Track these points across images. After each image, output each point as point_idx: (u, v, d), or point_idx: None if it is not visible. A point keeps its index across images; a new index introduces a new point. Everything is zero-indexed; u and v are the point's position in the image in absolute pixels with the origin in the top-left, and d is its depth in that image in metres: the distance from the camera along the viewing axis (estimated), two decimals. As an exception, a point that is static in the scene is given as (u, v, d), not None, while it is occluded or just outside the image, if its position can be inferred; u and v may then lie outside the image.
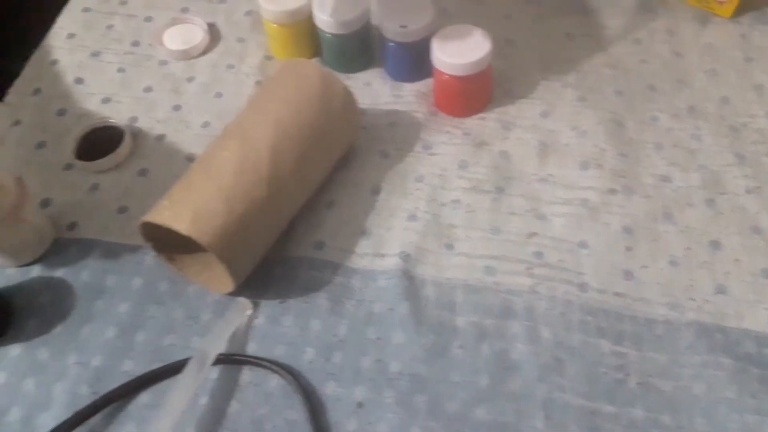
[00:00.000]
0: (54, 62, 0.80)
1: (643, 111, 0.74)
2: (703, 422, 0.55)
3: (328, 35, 0.74)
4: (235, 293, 0.61)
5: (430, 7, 0.72)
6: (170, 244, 0.61)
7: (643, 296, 0.61)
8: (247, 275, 0.60)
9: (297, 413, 0.56)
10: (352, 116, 0.67)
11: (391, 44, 0.73)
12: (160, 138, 0.73)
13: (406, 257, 0.63)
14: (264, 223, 0.59)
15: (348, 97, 0.65)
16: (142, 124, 0.74)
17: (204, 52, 0.80)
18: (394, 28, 0.71)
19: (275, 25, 0.75)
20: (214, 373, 0.58)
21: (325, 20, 0.72)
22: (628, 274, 0.63)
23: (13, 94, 0.77)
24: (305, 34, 0.76)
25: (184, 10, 0.85)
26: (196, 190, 0.57)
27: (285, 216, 0.62)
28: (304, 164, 0.61)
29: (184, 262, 0.62)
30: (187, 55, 0.79)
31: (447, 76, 0.70)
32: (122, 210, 0.68)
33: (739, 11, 0.82)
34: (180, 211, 0.56)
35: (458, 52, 0.68)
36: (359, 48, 0.76)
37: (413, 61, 0.75)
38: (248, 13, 0.84)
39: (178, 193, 0.58)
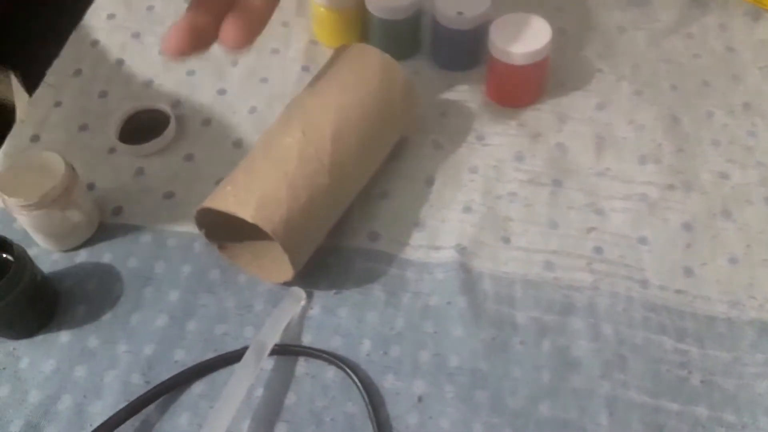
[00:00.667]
0: (95, 43, 0.79)
1: (699, 106, 0.73)
2: (766, 420, 0.54)
3: (379, 21, 0.73)
4: (288, 283, 0.60)
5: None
6: (222, 231, 0.60)
7: (703, 294, 0.61)
8: (304, 264, 0.60)
9: (355, 406, 0.55)
10: (410, 106, 0.66)
11: (446, 31, 0.72)
12: (206, 122, 0.72)
13: (462, 250, 0.63)
14: (325, 211, 0.58)
15: (408, 87, 0.65)
16: (186, 108, 0.73)
17: (248, 36, 0.79)
18: (450, 15, 0.70)
19: (323, 9, 0.74)
20: (269, 363, 0.57)
21: (375, 4, 0.71)
22: (688, 271, 0.62)
23: (53, 75, 0.76)
24: (354, 19, 0.75)
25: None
26: (260, 176, 0.56)
27: (344, 204, 0.61)
28: (364, 153, 0.61)
29: (235, 249, 0.61)
30: (231, 39, 0.78)
31: (504, 65, 0.69)
32: (168, 195, 0.67)
33: (792, 7, 0.81)
34: (244, 197, 0.55)
35: (517, 41, 0.68)
36: (410, 34, 0.75)
37: (467, 50, 0.74)
38: (293, -5, 0.83)
39: (241, 179, 0.57)
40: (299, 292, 0.60)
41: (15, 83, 0.88)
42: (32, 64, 0.79)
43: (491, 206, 0.66)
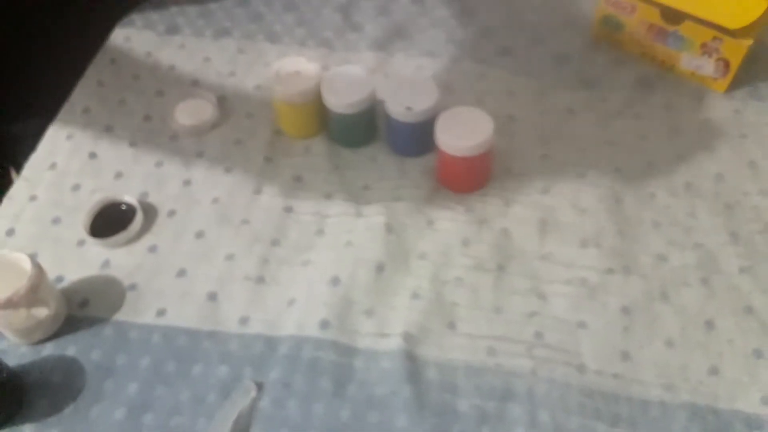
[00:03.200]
0: (70, 136, 0.81)
1: (642, 187, 0.75)
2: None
3: (336, 114, 0.75)
4: (239, 375, 0.61)
5: (434, 89, 0.73)
6: None
7: (639, 377, 0.62)
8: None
9: (300, 498, 0.56)
10: None
11: (397, 123, 0.74)
12: (171, 213, 0.74)
13: (408, 337, 0.64)
14: None
15: None
16: (153, 199, 0.75)
17: (213, 127, 0.81)
18: (399, 110, 0.72)
19: (285, 104, 0.76)
20: (220, 455, 0.58)
21: (333, 101, 0.74)
22: (625, 355, 0.63)
23: (29, 169, 0.78)
24: (313, 113, 0.77)
25: (195, 82, 0.86)
26: None
27: None
28: None
29: None
30: (197, 130, 0.80)
31: (450, 157, 0.70)
32: (131, 287, 0.68)
33: (733, 86, 0.83)
34: None
35: (461, 134, 0.69)
36: (365, 125, 0.77)
37: (418, 139, 0.76)
38: (257, 87, 0.85)
39: None
40: (249, 385, 0.61)
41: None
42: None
43: (438, 292, 0.67)
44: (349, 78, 0.75)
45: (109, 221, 0.72)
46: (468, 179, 0.74)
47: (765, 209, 0.72)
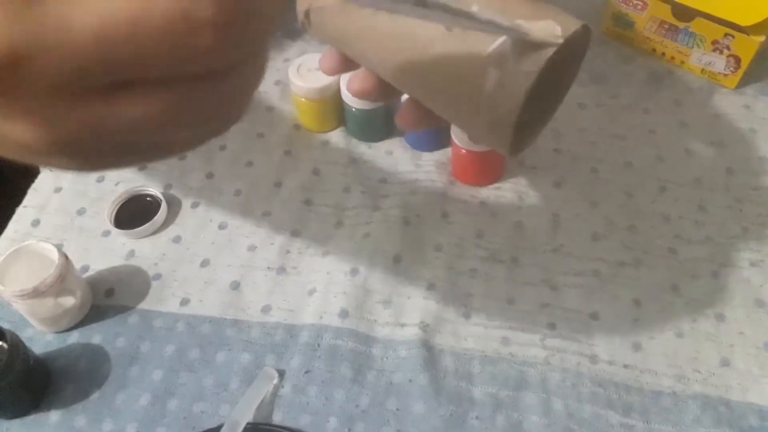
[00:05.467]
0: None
1: (652, 182, 0.74)
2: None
3: (353, 110, 0.74)
4: (261, 363, 0.61)
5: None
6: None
7: (650, 368, 0.61)
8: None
9: (320, 483, 0.56)
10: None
11: (412, 118, 0.73)
12: (195, 205, 0.73)
13: (425, 327, 0.63)
14: None
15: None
16: (177, 191, 0.74)
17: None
18: (415, 105, 0.71)
19: (303, 100, 0.75)
20: (242, 441, 0.58)
21: (351, 97, 0.73)
22: (636, 346, 0.62)
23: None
24: (332, 108, 0.77)
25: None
26: None
27: None
28: None
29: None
30: (219, 124, 0.79)
31: (464, 151, 0.70)
32: (156, 277, 0.68)
33: (744, 82, 0.82)
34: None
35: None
36: (383, 120, 0.76)
37: (433, 133, 0.75)
38: (277, 82, 0.85)
39: None
40: (271, 372, 0.60)
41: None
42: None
43: (453, 283, 0.67)
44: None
45: (134, 212, 0.71)
46: (482, 173, 0.73)
47: (775, 204, 0.71)
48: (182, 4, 0.21)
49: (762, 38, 0.75)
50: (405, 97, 0.49)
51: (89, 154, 0.24)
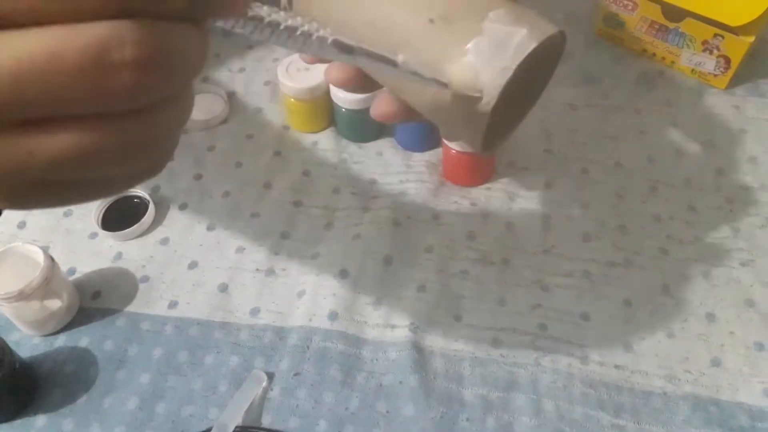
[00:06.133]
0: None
1: (643, 182, 0.74)
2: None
3: (343, 110, 0.74)
4: (250, 365, 0.60)
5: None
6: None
7: (641, 368, 0.61)
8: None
9: (310, 486, 0.55)
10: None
11: (402, 119, 0.73)
12: (183, 207, 0.73)
13: (415, 329, 0.63)
14: None
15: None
16: (165, 192, 0.74)
17: (224, 122, 0.80)
18: (405, 106, 0.71)
19: (293, 100, 0.75)
20: (231, 444, 0.57)
21: (341, 97, 0.73)
22: (627, 346, 0.62)
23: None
24: (321, 108, 0.76)
25: (205, 79, 0.85)
26: None
27: None
28: None
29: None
30: (208, 125, 0.79)
31: (455, 152, 0.69)
32: (144, 279, 0.67)
33: (734, 83, 0.82)
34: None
35: (466, 130, 0.68)
36: (372, 121, 0.75)
37: (423, 134, 0.75)
38: (266, 83, 0.84)
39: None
40: (260, 375, 0.60)
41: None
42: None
43: (444, 284, 0.66)
44: (356, 74, 0.74)
45: (121, 214, 0.71)
46: (472, 174, 0.73)
47: (765, 204, 0.71)
48: (100, 43, 0.20)
49: (751, 38, 0.75)
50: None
51: (11, 192, 0.24)
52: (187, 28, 0.23)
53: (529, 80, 0.43)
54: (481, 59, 0.38)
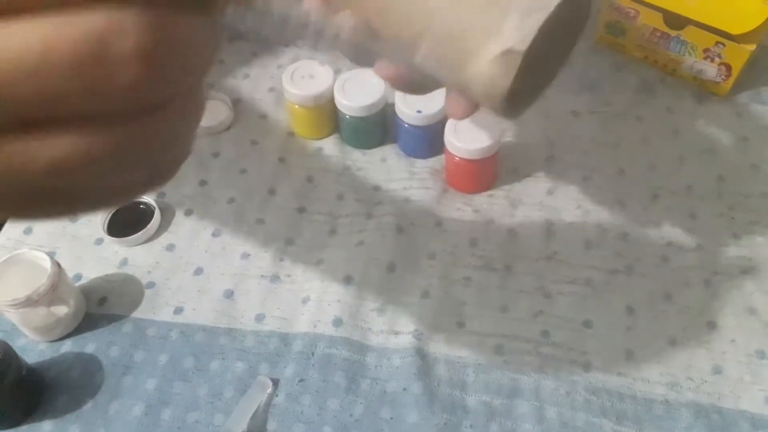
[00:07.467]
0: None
1: (644, 189, 0.74)
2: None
3: (347, 117, 0.74)
4: (255, 371, 0.60)
5: (443, 93, 0.72)
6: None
7: (643, 376, 0.61)
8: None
9: (314, 492, 0.55)
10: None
11: (407, 126, 0.73)
12: (188, 213, 0.73)
13: (419, 335, 0.63)
14: None
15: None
16: (170, 198, 0.74)
17: (229, 128, 0.80)
18: (410, 113, 0.71)
19: (297, 107, 0.75)
20: (236, 450, 0.57)
21: (345, 104, 0.73)
22: (629, 354, 0.62)
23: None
24: (326, 115, 0.76)
25: (209, 85, 0.85)
26: None
27: None
28: None
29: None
30: (212, 131, 0.79)
31: (458, 159, 0.70)
32: (150, 285, 0.67)
33: (735, 90, 0.82)
34: None
35: (469, 137, 0.68)
36: (377, 128, 0.76)
37: (427, 141, 0.75)
38: (271, 89, 0.84)
39: None
40: (265, 381, 0.60)
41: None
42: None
43: (447, 291, 0.66)
44: (361, 82, 0.74)
45: (127, 220, 0.71)
46: (475, 181, 0.73)
47: (766, 211, 0.71)
48: (98, 34, 0.18)
49: (753, 46, 0.76)
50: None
51: (10, 201, 0.22)
52: (196, 16, 0.20)
53: (553, 46, 0.43)
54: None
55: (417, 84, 0.46)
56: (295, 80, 0.74)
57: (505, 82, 0.39)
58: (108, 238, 0.70)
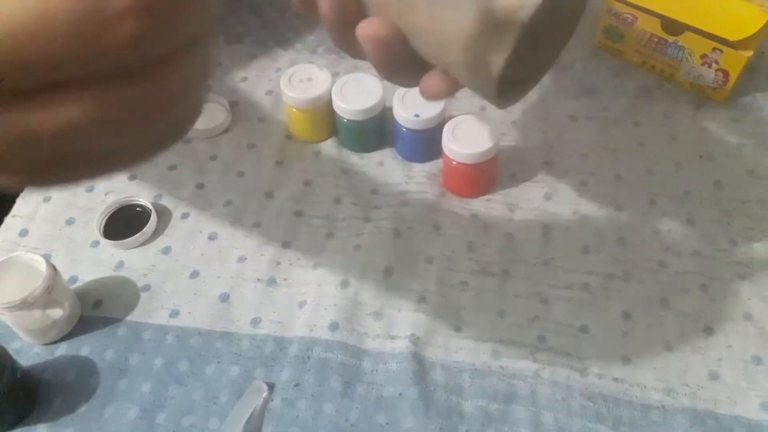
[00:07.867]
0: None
1: (642, 195, 0.74)
2: None
3: (345, 120, 0.74)
4: (251, 375, 0.60)
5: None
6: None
7: (639, 381, 0.61)
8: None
9: (310, 497, 0.55)
10: None
11: (404, 130, 0.73)
12: (185, 216, 0.73)
13: (415, 340, 0.63)
14: None
15: None
16: (167, 201, 0.74)
17: (226, 131, 0.80)
18: (407, 117, 0.71)
19: (295, 110, 0.75)
20: (231, 454, 0.57)
21: (343, 108, 0.73)
22: (625, 359, 0.62)
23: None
24: (323, 118, 0.76)
25: (207, 88, 0.85)
26: None
27: None
28: None
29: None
30: (210, 134, 0.79)
31: (456, 163, 0.69)
32: (145, 288, 0.67)
33: (732, 96, 0.82)
34: None
35: (467, 142, 0.68)
36: (374, 131, 0.76)
37: (425, 145, 0.75)
38: (269, 92, 0.84)
39: None
40: (261, 385, 0.60)
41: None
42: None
43: (444, 295, 0.66)
44: (358, 85, 0.74)
45: (123, 223, 0.71)
46: (473, 185, 0.73)
47: (764, 217, 0.71)
48: None
49: (750, 53, 0.76)
50: None
51: (22, 167, 0.22)
52: None
53: (548, 37, 0.42)
54: None
55: (399, 56, 0.44)
56: (293, 83, 0.74)
57: (504, 52, 0.38)
58: (104, 241, 0.70)
